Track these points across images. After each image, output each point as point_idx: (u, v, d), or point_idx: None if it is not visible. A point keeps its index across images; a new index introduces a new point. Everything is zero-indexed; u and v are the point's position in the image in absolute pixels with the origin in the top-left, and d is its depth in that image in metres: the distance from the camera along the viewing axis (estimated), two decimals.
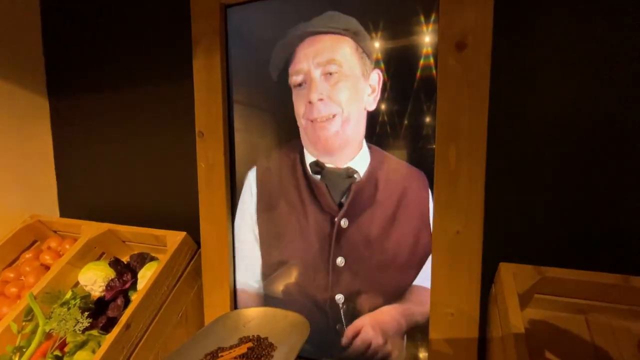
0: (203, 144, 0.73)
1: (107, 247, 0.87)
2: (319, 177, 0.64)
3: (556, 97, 0.54)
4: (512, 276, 0.49)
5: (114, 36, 0.92)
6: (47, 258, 0.91)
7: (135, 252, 0.86)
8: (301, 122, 0.64)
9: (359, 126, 0.60)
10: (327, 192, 0.63)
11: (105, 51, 0.94)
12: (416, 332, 0.60)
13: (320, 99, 0.60)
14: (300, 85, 0.62)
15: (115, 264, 0.81)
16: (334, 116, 0.60)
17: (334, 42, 0.59)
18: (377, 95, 0.59)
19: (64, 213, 1.09)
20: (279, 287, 0.71)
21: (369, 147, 0.60)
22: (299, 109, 0.63)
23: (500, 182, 0.56)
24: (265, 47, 0.67)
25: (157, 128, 0.88)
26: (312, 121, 0.62)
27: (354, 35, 0.58)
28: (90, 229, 0.86)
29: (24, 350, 0.61)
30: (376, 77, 0.58)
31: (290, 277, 0.70)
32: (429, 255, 0.57)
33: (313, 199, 0.64)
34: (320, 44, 0.60)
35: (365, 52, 0.58)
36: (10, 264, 0.93)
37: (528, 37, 0.55)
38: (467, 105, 0.52)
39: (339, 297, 0.65)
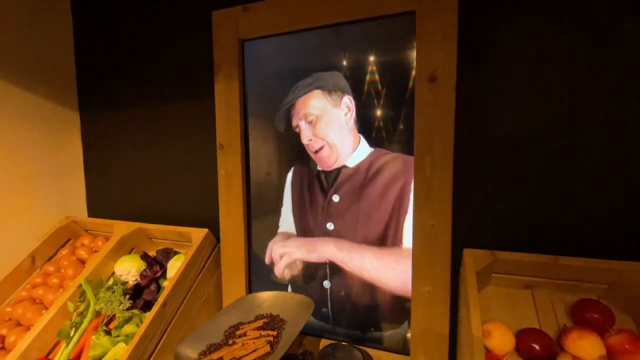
0: (223, 155, 0.87)
1: (136, 243, 1.01)
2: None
3: (508, 118, 0.68)
4: (472, 259, 0.63)
5: (141, 60, 1.06)
6: (82, 253, 1.04)
7: (161, 248, 1.00)
8: (308, 150, 0.80)
9: (345, 141, 0.76)
10: (325, 179, 0.79)
11: (132, 73, 1.08)
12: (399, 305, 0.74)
13: (310, 140, 0.80)
14: (299, 131, 0.81)
15: (146, 257, 0.94)
16: (322, 147, 0.79)
17: (306, 99, 0.79)
18: (353, 113, 0.74)
19: (91, 214, 1.22)
20: None
21: (371, 148, 0.75)
22: (305, 144, 0.80)
23: (465, 186, 0.70)
24: (276, 76, 0.82)
25: (182, 140, 1.02)
26: (311, 152, 0.79)
27: (324, 86, 0.76)
28: (122, 228, 0.99)
29: (79, 325, 0.75)
30: (347, 101, 0.75)
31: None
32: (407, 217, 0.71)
33: (319, 186, 0.80)
34: (300, 104, 0.80)
35: (333, 90, 0.75)
36: (49, 259, 1.06)
37: (486, 71, 0.69)
38: (438, 126, 0.66)
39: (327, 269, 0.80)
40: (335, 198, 0.79)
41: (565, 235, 0.65)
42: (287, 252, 0.85)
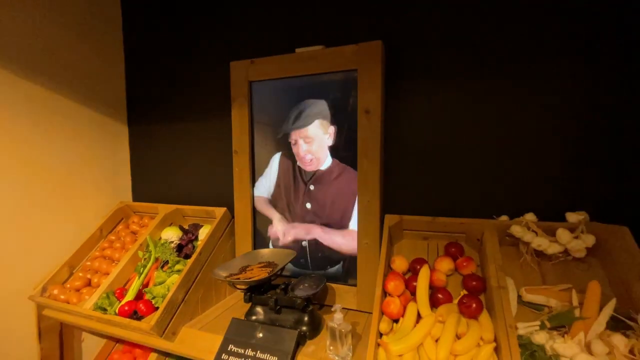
0: (237, 157, 1.29)
1: (174, 219, 1.43)
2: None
3: (413, 133, 1.10)
4: (388, 220, 1.04)
5: (179, 89, 1.48)
6: (134, 227, 1.46)
7: (191, 222, 1.41)
8: (298, 157, 1.21)
9: (324, 155, 1.17)
10: (304, 174, 1.20)
11: (170, 98, 1.51)
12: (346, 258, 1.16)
13: (305, 153, 1.20)
14: (294, 143, 1.21)
15: (182, 228, 1.36)
16: (310, 159, 1.19)
17: (308, 127, 1.19)
18: (333, 137, 1.15)
19: (135, 200, 1.64)
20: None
21: (332, 159, 1.16)
22: (295, 151, 1.21)
23: (387, 176, 1.12)
24: (274, 104, 1.24)
25: (207, 147, 1.44)
26: (299, 158, 1.20)
27: (320, 119, 1.16)
28: (164, 208, 1.41)
29: (145, 265, 1.16)
30: (332, 129, 1.15)
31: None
32: (354, 209, 1.13)
33: (300, 178, 1.21)
34: (303, 130, 1.19)
35: (326, 120, 1.15)
36: (110, 231, 1.48)
37: (399, 106, 1.11)
38: (370, 139, 1.08)
39: (305, 244, 1.22)
40: (312, 187, 1.21)
41: (443, 204, 1.07)
42: (291, 232, 1.26)
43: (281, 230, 1.28)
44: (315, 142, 1.19)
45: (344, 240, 1.17)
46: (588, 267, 0.87)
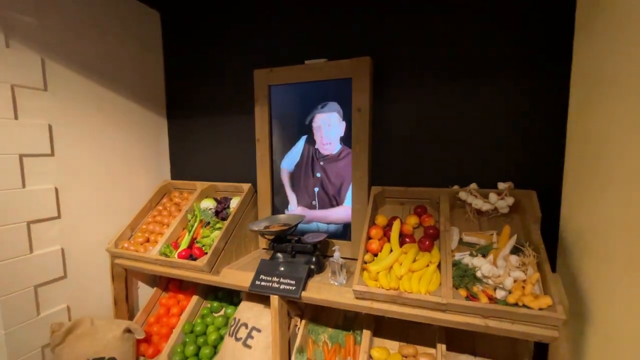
0: (259, 145, 1.67)
1: (209, 193, 1.82)
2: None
3: (395, 125, 1.48)
4: (373, 190, 1.43)
5: (211, 90, 1.85)
6: (176, 200, 1.85)
7: (222, 196, 1.80)
8: (317, 140, 1.58)
9: (336, 142, 1.55)
10: (319, 155, 1.59)
11: (203, 97, 1.88)
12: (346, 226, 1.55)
13: (325, 137, 1.56)
14: (318, 128, 1.57)
15: (216, 199, 1.75)
16: (328, 142, 1.56)
17: (328, 115, 1.55)
18: (344, 130, 1.53)
19: (174, 178, 2.03)
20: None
21: (342, 145, 1.54)
22: (316, 136, 1.58)
23: (374, 157, 1.50)
24: (288, 103, 1.61)
25: (235, 136, 1.82)
26: (320, 141, 1.57)
27: (337, 113, 1.53)
28: (201, 185, 1.80)
29: (193, 225, 1.56)
30: (344, 124, 1.53)
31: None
32: (350, 184, 1.51)
33: (316, 158, 1.60)
34: (325, 115, 1.55)
35: (340, 116, 1.53)
36: (157, 203, 1.87)
37: (383, 106, 1.48)
38: (361, 130, 1.45)
39: (314, 203, 1.61)
40: (322, 163, 1.59)
41: (414, 178, 1.45)
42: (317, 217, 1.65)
43: (293, 198, 1.68)
44: (333, 128, 1.55)
45: (343, 213, 1.56)
46: (510, 219, 1.26)
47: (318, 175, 1.61)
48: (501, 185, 1.28)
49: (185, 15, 1.87)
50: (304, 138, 1.63)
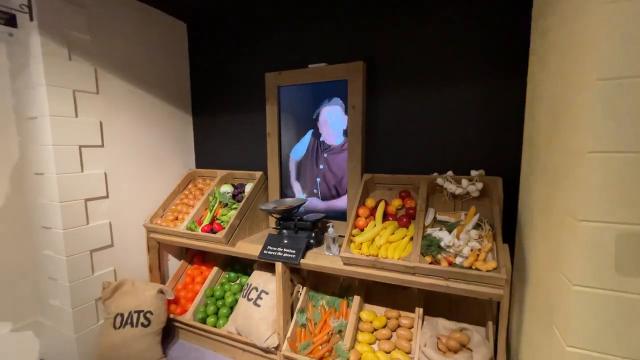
0: (269, 138, 1.94)
1: (228, 180, 2.11)
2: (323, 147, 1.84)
3: (384, 121, 1.70)
4: (365, 177, 1.65)
5: (229, 90, 2.14)
6: (200, 185, 2.16)
7: (238, 182, 2.09)
8: (323, 132, 1.84)
9: (340, 134, 1.79)
10: (322, 146, 1.84)
11: (223, 97, 2.16)
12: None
13: (330, 128, 1.80)
14: (325, 122, 1.82)
15: (233, 185, 2.04)
16: (333, 133, 1.80)
17: (333, 107, 1.79)
18: (346, 123, 1.77)
19: (198, 167, 2.34)
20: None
21: (344, 137, 1.78)
22: (322, 129, 1.83)
23: (367, 149, 1.73)
24: (295, 101, 1.86)
25: (248, 130, 2.09)
26: (325, 132, 1.82)
27: (340, 104, 1.77)
28: (221, 173, 2.10)
29: (214, 205, 1.86)
30: (346, 117, 1.77)
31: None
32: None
33: (320, 149, 1.85)
34: (330, 108, 1.80)
35: (343, 110, 1.77)
36: (184, 188, 2.19)
37: (375, 105, 1.70)
38: (356, 126, 1.68)
39: (316, 191, 1.86)
40: (325, 155, 1.84)
41: (400, 166, 1.67)
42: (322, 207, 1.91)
43: (299, 187, 1.94)
44: (337, 120, 1.79)
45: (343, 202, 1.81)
46: (481, 202, 1.46)
47: (321, 167, 1.86)
48: (473, 173, 1.48)
49: (208, 26, 2.15)
50: (310, 132, 1.88)
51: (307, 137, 1.89)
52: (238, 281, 1.98)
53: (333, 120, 1.80)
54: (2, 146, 1.59)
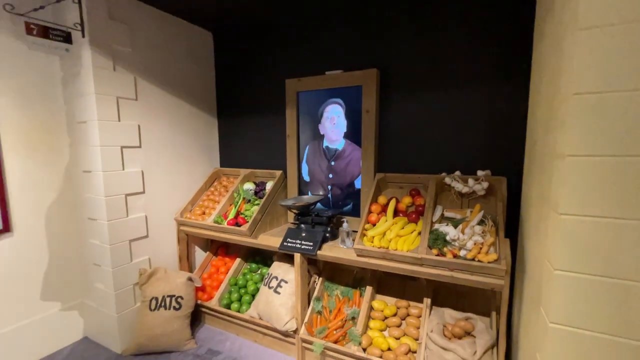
0: (289, 139, 2.09)
1: (250, 178, 2.28)
2: (328, 150, 1.98)
3: (396, 125, 1.81)
4: (377, 177, 1.78)
5: (252, 95, 2.30)
6: (225, 183, 2.34)
7: (260, 180, 2.25)
8: (325, 132, 1.98)
9: (341, 136, 1.92)
10: (327, 152, 1.97)
11: (246, 101, 2.33)
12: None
13: (333, 128, 1.94)
14: (331, 119, 1.96)
15: (255, 183, 2.21)
16: (335, 133, 1.94)
17: (335, 107, 1.93)
18: (346, 125, 1.90)
19: (222, 166, 2.52)
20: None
21: (345, 140, 1.91)
22: (325, 127, 1.97)
23: (380, 150, 1.85)
24: (312, 105, 2.01)
25: (270, 131, 2.25)
26: (328, 131, 1.96)
27: (341, 103, 1.91)
28: (244, 171, 2.26)
29: (238, 201, 2.02)
30: (346, 122, 1.90)
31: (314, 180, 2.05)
32: (359, 172, 1.88)
33: (325, 155, 1.99)
34: (332, 107, 1.94)
35: (344, 110, 1.90)
36: (210, 185, 2.37)
37: (389, 108, 1.82)
38: (369, 128, 1.81)
39: (329, 187, 2.00)
40: (332, 163, 1.97)
41: (411, 167, 1.78)
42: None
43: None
44: (339, 121, 1.93)
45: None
46: (487, 200, 1.56)
47: (330, 176, 2.00)
48: (480, 173, 1.58)
49: (232, 36, 2.32)
50: (307, 147, 2.03)
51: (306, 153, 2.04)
52: (259, 272, 2.15)
53: (338, 119, 1.93)
54: (56, 147, 1.80)
